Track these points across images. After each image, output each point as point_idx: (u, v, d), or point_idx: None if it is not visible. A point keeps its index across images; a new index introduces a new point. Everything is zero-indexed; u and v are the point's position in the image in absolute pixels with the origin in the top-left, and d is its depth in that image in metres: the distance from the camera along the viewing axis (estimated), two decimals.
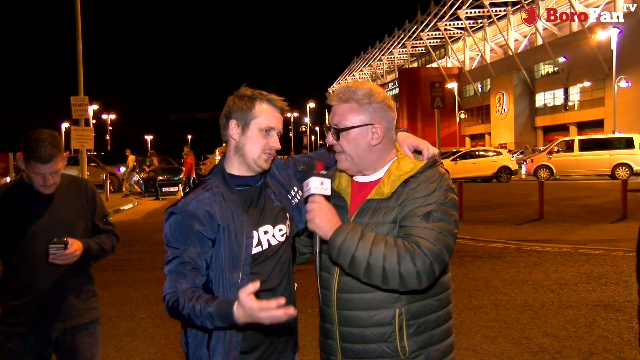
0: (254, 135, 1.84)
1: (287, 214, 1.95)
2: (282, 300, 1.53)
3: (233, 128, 1.86)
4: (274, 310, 1.52)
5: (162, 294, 1.77)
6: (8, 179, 16.15)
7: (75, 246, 2.40)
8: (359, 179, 1.89)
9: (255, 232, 1.83)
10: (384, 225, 1.74)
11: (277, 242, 1.90)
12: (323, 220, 1.68)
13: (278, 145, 1.88)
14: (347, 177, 1.92)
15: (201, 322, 1.67)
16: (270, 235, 1.88)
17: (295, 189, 1.99)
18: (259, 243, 1.84)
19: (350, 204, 1.85)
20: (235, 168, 1.89)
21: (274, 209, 1.92)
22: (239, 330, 1.76)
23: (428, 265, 1.63)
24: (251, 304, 1.53)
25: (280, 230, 1.91)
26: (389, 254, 1.62)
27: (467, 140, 55.32)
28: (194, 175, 20.42)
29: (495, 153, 25.46)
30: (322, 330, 1.91)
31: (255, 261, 1.83)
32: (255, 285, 1.55)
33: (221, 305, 1.63)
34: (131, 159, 21.89)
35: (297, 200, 1.99)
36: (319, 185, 1.72)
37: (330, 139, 1.85)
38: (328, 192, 1.74)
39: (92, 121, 33.50)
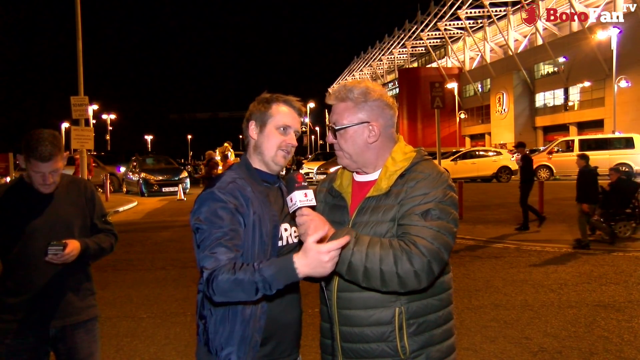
0: (270, 134, 1.92)
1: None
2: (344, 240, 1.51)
3: (252, 129, 1.95)
4: (335, 245, 1.49)
5: (201, 275, 1.68)
6: (8, 179, 16.15)
7: (71, 246, 2.41)
8: (360, 178, 1.89)
9: (280, 226, 1.90)
10: (384, 224, 1.74)
11: (293, 242, 1.95)
12: (316, 231, 1.68)
13: (294, 142, 1.95)
14: (348, 176, 1.93)
15: (252, 290, 1.57)
16: (288, 233, 1.94)
17: None
18: (281, 238, 1.90)
19: (351, 203, 1.86)
20: (256, 165, 1.96)
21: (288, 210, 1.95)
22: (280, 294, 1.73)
23: (426, 264, 1.62)
24: (318, 247, 1.49)
25: (295, 231, 1.96)
26: (385, 255, 1.62)
27: (467, 140, 55.30)
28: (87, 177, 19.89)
29: (495, 153, 25.46)
30: (323, 330, 1.91)
31: (278, 255, 1.86)
32: (323, 233, 1.54)
33: (279, 262, 1.57)
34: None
35: None
36: (303, 198, 1.72)
37: (330, 137, 1.88)
38: (314, 202, 1.74)
39: (92, 121, 33.48)
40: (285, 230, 1.93)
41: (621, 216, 9.18)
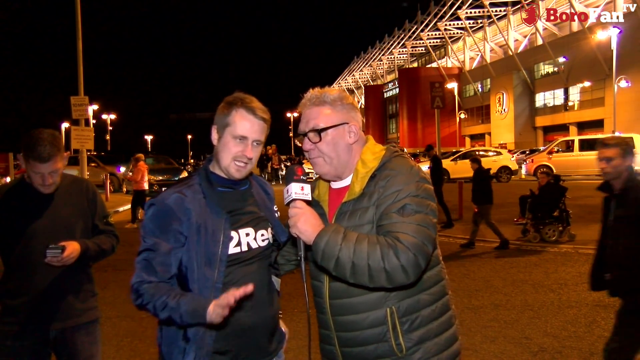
0: (227, 143, 1.85)
1: (269, 224, 1.96)
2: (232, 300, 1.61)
3: (213, 134, 1.88)
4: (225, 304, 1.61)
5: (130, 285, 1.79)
6: (8, 179, 16.13)
7: (71, 248, 2.40)
8: (336, 185, 1.90)
9: (235, 233, 1.84)
10: (362, 227, 1.75)
11: (258, 246, 1.90)
12: (306, 224, 1.69)
13: (250, 155, 1.85)
14: (325, 185, 1.93)
15: (167, 315, 1.71)
16: (251, 238, 1.88)
17: (275, 207, 2.04)
18: (239, 244, 1.85)
19: (329, 211, 1.87)
20: (218, 170, 1.91)
21: (256, 215, 1.93)
22: (208, 327, 1.78)
23: (412, 259, 1.62)
24: (221, 299, 1.62)
25: (262, 235, 1.92)
26: (372, 251, 1.62)
27: (467, 140, 55.29)
28: None
29: (495, 153, 25.45)
30: (321, 336, 1.92)
31: (234, 261, 1.83)
32: (247, 289, 1.63)
33: (195, 301, 1.69)
34: None
35: (278, 214, 2.02)
36: (299, 191, 1.73)
37: (307, 144, 1.83)
38: (309, 197, 1.74)
39: (92, 121, 33.47)
40: (247, 235, 1.87)
41: (550, 220, 9.24)
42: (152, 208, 1.82)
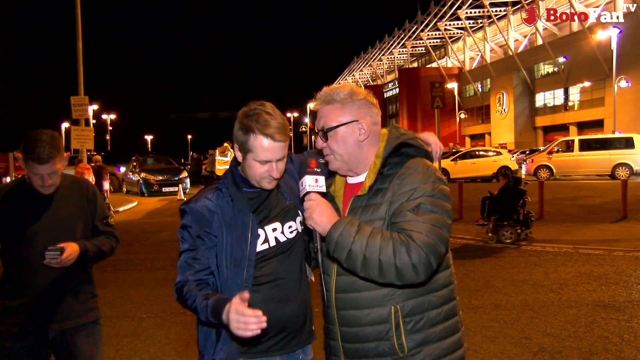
0: (251, 165, 1.88)
1: (299, 211, 1.97)
2: (262, 317, 1.60)
3: (236, 151, 1.94)
4: (247, 318, 1.60)
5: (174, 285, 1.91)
6: (8, 179, 16.12)
7: (69, 250, 2.39)
8: (352, 180, 1.91)
9: (261, 230, 1.90)
10: (374, 223, 1.75)
11: (286, 239, 1.94)
12: (321, 216, 1.70)
13: (276, 175, 1.88)
14: (341, 180, 1.94)
15: (199, 313, 1.79)
16: (278, 232, 1.93)
17: None
18: (266, 240, 1.90)
19: (343, 206, 1.88)
20: (244, 174, 1.95)
21: (284, 206, 1.97)
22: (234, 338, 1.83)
23: (423, 257, 1.62)
24: (234, 305, 1.63)
25: (290, 227, 1.96)
26: (385, 246, 1.63)
27: (467, 140, 55.27)
28: None
29: (495, 153, 25.45)
30: (326, 331, 1.93)
31: (262, 258, 1.89)
32: (245, 295, 1.65)
33: (216, 302, 1.73)
34: None
35: None
36: (313, 183, 1.74)
37: (319, 142, 1.87)
38: (323, 189, 1.76)
39: (92, 121, 33.44)
40: (274, 230, 1.92)
41: (509, 222, 9.21)
42: (184, 214, 1.91)
